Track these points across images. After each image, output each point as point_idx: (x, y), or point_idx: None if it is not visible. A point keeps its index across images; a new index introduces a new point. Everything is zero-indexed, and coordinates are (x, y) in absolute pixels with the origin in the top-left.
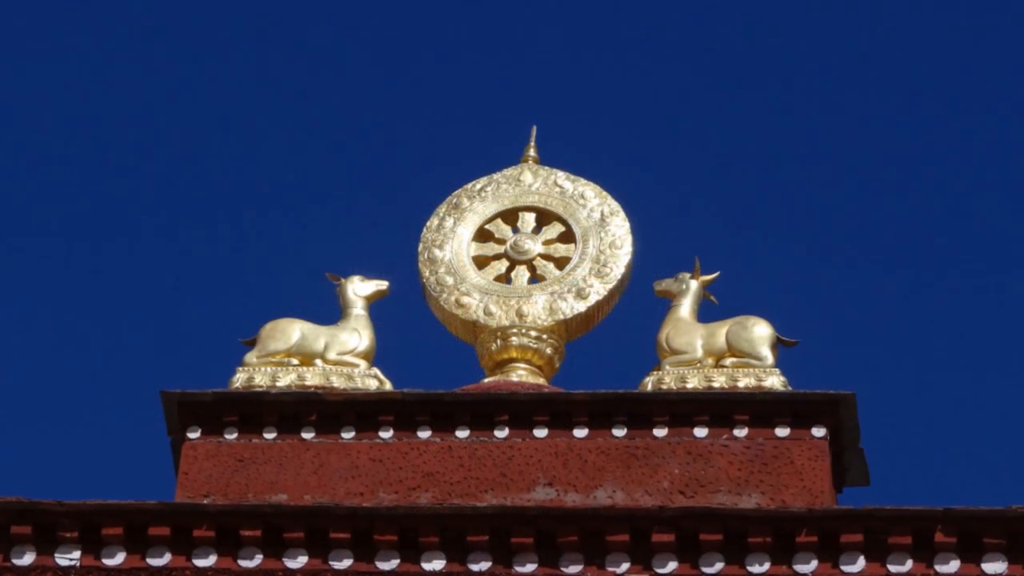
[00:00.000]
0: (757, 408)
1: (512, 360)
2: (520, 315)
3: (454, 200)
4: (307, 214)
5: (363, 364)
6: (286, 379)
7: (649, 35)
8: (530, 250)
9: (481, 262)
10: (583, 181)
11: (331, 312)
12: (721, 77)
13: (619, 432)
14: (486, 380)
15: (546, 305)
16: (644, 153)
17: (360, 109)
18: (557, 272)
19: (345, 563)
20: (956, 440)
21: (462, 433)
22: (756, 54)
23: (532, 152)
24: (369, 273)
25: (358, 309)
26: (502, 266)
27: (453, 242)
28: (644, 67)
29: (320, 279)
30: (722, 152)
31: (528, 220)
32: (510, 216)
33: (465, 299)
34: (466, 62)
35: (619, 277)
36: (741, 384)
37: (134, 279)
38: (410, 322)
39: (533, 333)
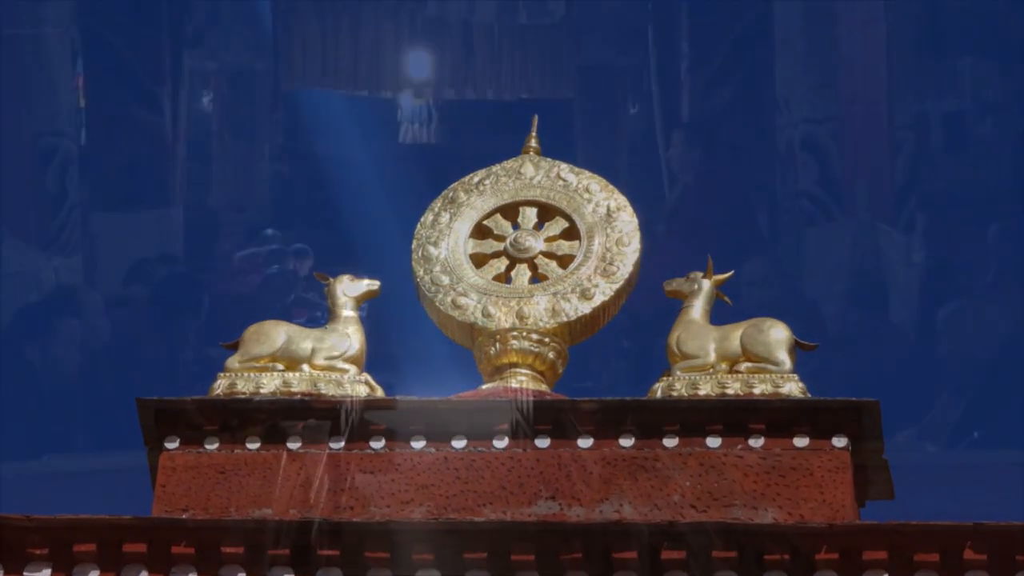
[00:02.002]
0: (774, 416)
1: (512, 365)
2: (521, 317)
3: (450, 194)
4: None
5: (353, 369)
6: (270, 385)
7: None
8: (531, 247)
9: (479, 260)
10: (588, 174)
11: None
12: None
13: (626, 442)
14: (484, 386)
15: (548, 306)
16: None
17: None
18: (560, 271)
19: None
20: (986, 451)
21: (458, 443)
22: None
23: (533, 143)
24: (359, 272)
25: (348, 310)
26: (501, 264)
27: (449, 239)
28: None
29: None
30: None
31: (529, 215)
32: (510, 211)
33: (462, 300)
34: None
35: (626, 276)
36: (757, 391)
37: None
38: (403, 324)
39: (535, 336)
